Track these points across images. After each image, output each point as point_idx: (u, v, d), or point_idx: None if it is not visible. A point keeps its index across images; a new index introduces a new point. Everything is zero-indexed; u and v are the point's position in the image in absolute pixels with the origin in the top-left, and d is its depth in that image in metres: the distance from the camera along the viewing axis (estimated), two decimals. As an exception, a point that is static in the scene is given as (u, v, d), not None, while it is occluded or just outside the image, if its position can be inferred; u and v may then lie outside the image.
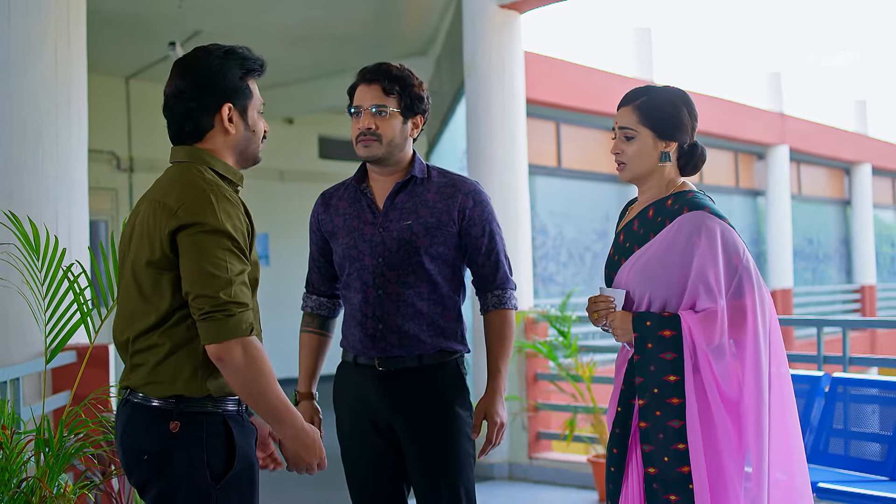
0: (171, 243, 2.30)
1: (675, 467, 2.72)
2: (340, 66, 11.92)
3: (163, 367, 2.34)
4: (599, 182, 13.47)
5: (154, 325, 2.34)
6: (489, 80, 7.07)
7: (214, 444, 2.35)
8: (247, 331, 2.27)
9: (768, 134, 16.38)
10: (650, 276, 2.82)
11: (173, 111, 2.48)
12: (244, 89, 2.49)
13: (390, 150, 2.99)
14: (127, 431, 2.40)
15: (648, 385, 2.78)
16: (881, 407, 5.15)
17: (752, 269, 2.78)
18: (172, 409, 2.34)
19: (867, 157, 19.58)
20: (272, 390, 2.32)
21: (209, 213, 2.28)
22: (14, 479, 3.02)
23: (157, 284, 2.33)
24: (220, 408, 2.38)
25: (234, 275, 2.27)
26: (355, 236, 3.03)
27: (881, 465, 4.94)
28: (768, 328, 2.79)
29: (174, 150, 2.51)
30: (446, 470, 2.96)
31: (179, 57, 2.52)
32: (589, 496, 6.45)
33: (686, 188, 2.89)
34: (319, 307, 3.19)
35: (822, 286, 18.69)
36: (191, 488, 2.33)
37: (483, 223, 3.03)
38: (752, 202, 16.74)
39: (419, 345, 2.97)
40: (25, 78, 4.94)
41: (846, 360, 5.78)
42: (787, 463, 2.80)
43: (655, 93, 2.92)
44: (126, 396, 2.42)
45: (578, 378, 6.60)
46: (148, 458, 2.34)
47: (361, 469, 3.02)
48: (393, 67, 3.03)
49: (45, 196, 4.89)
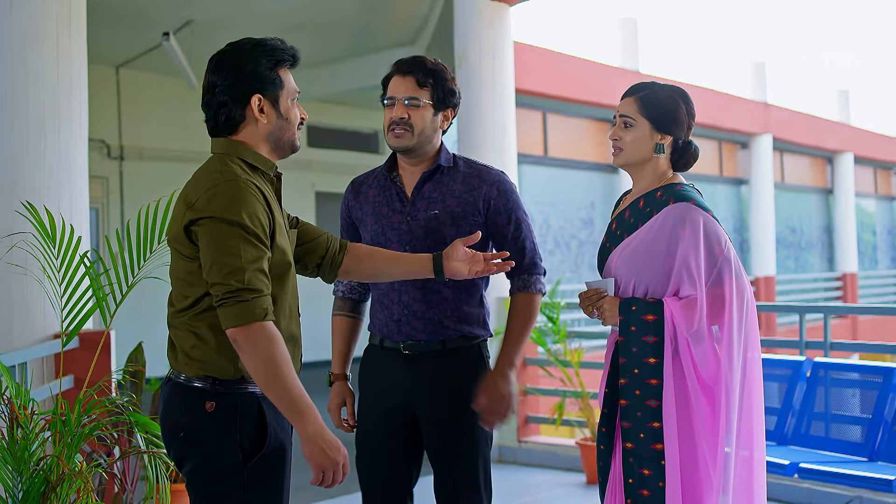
0: (190, 234, 2.41)
1: (649, 444, 2.86)
2: (330, 55, 12.01)
3: (198, 349, 2.45)
4: (585, 171, 13.61)
5: (188, 307, 2.45)
6: (479, 72, 7.20)
7: (247, 425, 2.45)
8: (261, 315, 2.35)
9: (752, 123, 16.53)
10: (637, 264, 2.96)
11: (209, 105, 2.58)
12: (274, 79, 2.56)
13: (420, 140, 3.07)
14: (167, 408, 2.51)
15: (630, 366, 2.91)
16: (861, 391, 5.31)
17: (733, 258, 2.92)
18: (209, 389, 2.44)
19: (850, 146, 19.76)
20: (287, 377, 2.36)
21: (222, 205, 2.38)
22: (33, 458, 3.14)
23: (188, 270, 2.45)
24: (254, 390, 2.47)
25: (247, 262, 2.35)
26: (384, 223, 3.12)
27: (860, 446, 5.10)
28: (745, 315, 2.92)
29: (212, 142, 2.61)
30: (463, 451, 3.05)
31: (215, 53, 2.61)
32: (577, 478, 6.59)
33: (676, 181, 3.02)
34: (350, 291, 3.28)
35: (804, 274, 18.88)
36: (222, 465, 2.43)
37: (508, 211, 3.11)
38: (735, 191, 16.91)
39: (442, 330, 3.06)
40: (27, 67, 5.03)
41: (827, 346, 5.94)
42: (749, 441, 2.94)
43: (658, 88, 3.05)
44: (168, 375, 2.54)
45: (567, 363, 6.73)
46: (184, 435, 2.45)
47: (375, 446, 3.11)
48: (428, 61, 3.10)
49: (48, 183, 4.98)
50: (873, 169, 21.80)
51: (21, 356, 4.14)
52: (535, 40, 11.76)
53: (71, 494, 3.23)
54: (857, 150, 20.02)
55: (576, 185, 13.32)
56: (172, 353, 2.53)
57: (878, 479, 4.53)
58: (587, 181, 13.61)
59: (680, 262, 2.88)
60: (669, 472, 2.83)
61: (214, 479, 2.44)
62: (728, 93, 16.10)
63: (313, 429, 2.37)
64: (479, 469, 3.10)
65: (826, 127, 19.19)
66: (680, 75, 15.02)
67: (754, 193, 16.79)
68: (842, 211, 19.71)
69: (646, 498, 2.86)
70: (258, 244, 2.40)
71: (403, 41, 11.59)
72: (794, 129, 17.77)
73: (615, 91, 14.33)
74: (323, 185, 13.92)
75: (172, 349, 2.53)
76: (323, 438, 2.37)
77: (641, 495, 2.87)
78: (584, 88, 12.87)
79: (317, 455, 2.37)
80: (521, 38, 11.78)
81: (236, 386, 2.46)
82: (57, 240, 3.39)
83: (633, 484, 2.88)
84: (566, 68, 12.56)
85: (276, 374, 2.35)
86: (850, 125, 20.18)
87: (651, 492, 2.86)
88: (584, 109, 13.35)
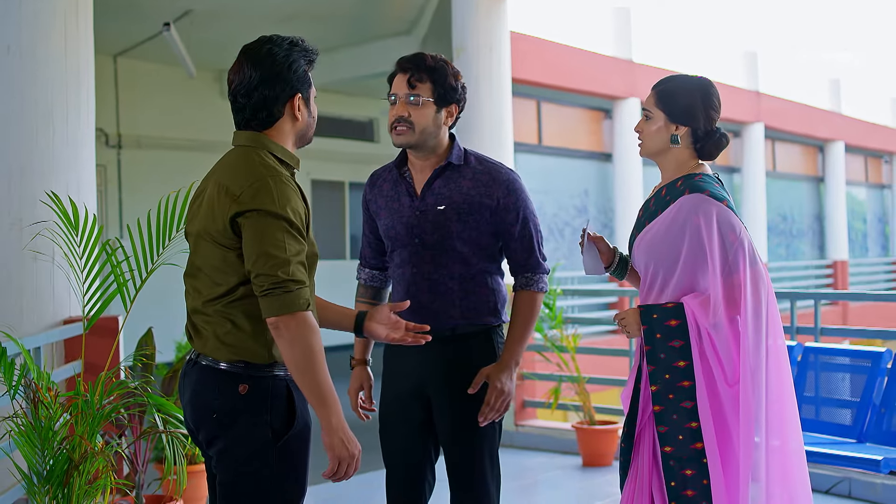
0: (234, 226, 2.51)
1: (689, 444, 2.98)
2: (324, 44, 12.06)
3: (232, 335, 2.56)
4: (579, 159, 13.71)
5: (222, 295, 2.56)
6: (477, 63, 7.33)
7: (277, 406, 2.57)
8: (304, 306, 2.47)
9: (744, 112, 16.65)
10: (655, 251, 3.08)
11: (249, 98, 2.62)
12: (308, 80, 2.68)
13: (423, 137, 3.15)
14: (197, 391, 2.62)
15: (660, 372, 3.03)
16: (850, 375, 5.44)
17: (747, 245, 3.02)
18: (241, 373, 2.55)
19: (841, 134, 19.88)
20: (320, 368, 2.48)
21: (268, 199, 2.48)
22: (57, 437, 3.26)
23: (225, 260, 2.55)
24: (284, 373, 2.60)
25: (291, 255, 2.47)
26: (395, 217, 3.22)
27: (850, 428, 5.23)
28: (764, 303, 3.01)
29: (237, 134, 2.68)
30: (471, 435, 3.17)
31: (245, 45, 2.68)
32: (573, 461, 6.74)
33: (697, 171, 3.13)
34: (371, 279, 3.39)
35: (795, 261, 19.03)
36: (253, 445, 2.54)
37: (516, 210, 3.19)
38: (727, 179, 17.04)
39: (449, 319, 3.18)
40: (36, 58, 5.14)
41: (818, 331, 6.08)
42: (781, 430, 3.03)
43: (677, 80, 3.17)
44: (194, 359, 2.65)
45: (563, 348, 6.87)
46: (217, 416, 2.56)
47: (395, 427, 3.24)
48: (428, 58, 3.16)
49: (56, 172, 5.10)
50: (864, 157, 21.93)
51: (36, 341, 4.25)
52: (530, 29, 11.84)
53: (92, 472, 3.35)
54: (848, 139, 20.15)
55: (569, 173, 13.42)
56: (199, 338, 2.63)
57: (866, 459, 4.67)
58: (581, 169, 13.72)
59: (694, 251, 3.00)
60: (713, 469, 2.94)
61: (245, 458, 2.55)
62: (721, 82, 16.21)
63: (336, 420, 2.49)
64: (486, 454, 3.20)
65: (817, 116, 19.30)
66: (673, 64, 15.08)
67: (746, 181, 16.92)
68: (833, 199, 19.83)
69: (690, 498, 2.96)
70: (299, 238, 2.52)
71: (399, 31, 11.68)
72: (785, 118, 17.89)
73: (609, 80, 14.43)
74: (318, 174, 14.04)
75: (199, 335, 2.63)
76: (344, 431, 2.50)
77: (686, 496, 2.97)
78: (578, 77, 12.97)
79: (336, 446, 2.50)
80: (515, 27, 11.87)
81: (267, 369, 2.58)
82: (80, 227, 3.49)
83: (676, 486, 2.99)
84: (560, 57, 12.66)
85: (312, 363, 2.47)
86: (842, 114, 20.29)
87: (696, 490, 2.96)
88: (578, 98, 13.45)
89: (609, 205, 13.81)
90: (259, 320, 2.54)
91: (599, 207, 13.86)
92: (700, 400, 2.97)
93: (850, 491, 5.69)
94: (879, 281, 21.92)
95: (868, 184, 22.29)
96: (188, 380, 2.68)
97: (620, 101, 13.61)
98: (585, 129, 13.97)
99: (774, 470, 3.01)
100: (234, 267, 2.54)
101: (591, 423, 6.74)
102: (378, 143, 15.59)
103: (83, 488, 3.25)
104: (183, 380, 2.72)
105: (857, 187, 21.65)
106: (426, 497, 3.30)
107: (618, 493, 5.76)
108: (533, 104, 12.81)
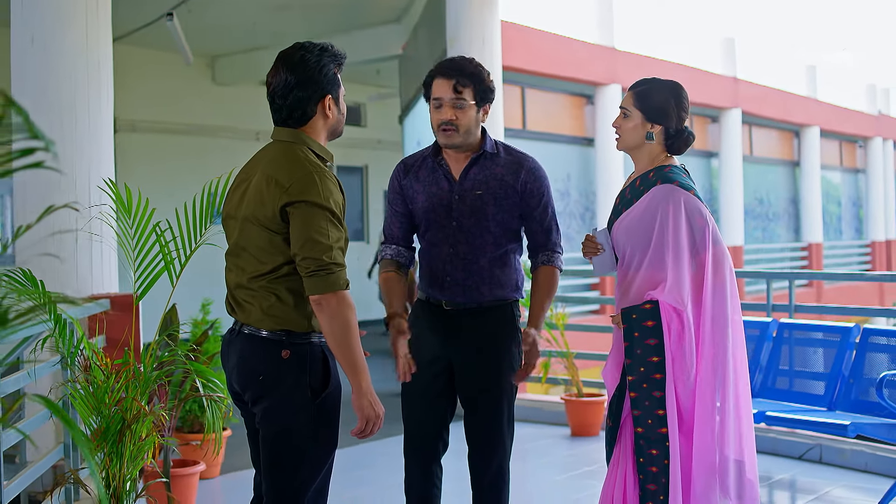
0: (282, 213, 2.86)
1: (656, 428, 3.42)
2: (314, 32, 12.39)
3: (276, 307, 2.91)
4: (562, 144, 14.05)
5: (268, 273, 2.91)
6: (470, 53, 7.64)
7: (315, 369, 2.94)
8: (344, 286, 2.85)
9: (722, 97, 17.02)
10: (631, 235, 3.49)
11: (285, 99, 2.97)
12: (337, 81, 3.03)
13: (467, 136, 3.51)
14: (244, 357, 2.97)
15: (636, 364, 3.45)
16: (822, 349, 5.85)
17: (711, 227, 3.45)
18: (284, 340, 2.92)
19: (816, 120, 20.29)
20: (355, 339, 2.85)
21: (314, 192, 2.84)
22: (111, 400, 3.60)
23: (271, 242, 2.90)
24: (318, 340, 2.97)
25: (333, 241, 2.84)
26: (434, 201, 3.57)
27: (821, 398, 5.64)
28: (727, 280, 3.45)
29: (277, 130, 3.03)
30: (491, 397, 3.56)
31: (282, 51, 3.01)
32: (562, 431, 7.13)
33: (667, 163, 3.53)
34: (398, 255, 3.71)
35: (771, 244, 19.45)
36: (294, 403, 2.92)
37: (539, 195, 3.57)
38: (705, 163, 17.41)
39: (478, 295, 3.56)
40: (57, 48, 5.42)
41: (792, 308, 6.49)
42: (736, 397, 3.49)
43: (653, 84, 3.55)
44: (237, 329, 3.00)
45: (553, 325, 7.25)
46: (263, 379, 2.93)
47: (416, 390, 3.60)
48: (469, 63, 3.51)
49: (78, 158, 5.40)
50: (839, 142, 22.34)
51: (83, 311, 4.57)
52: (515, 17, 12.15)
53: (143, 431, 3.71)
54: (824, 124, 20.55)
55: (553, 157, 13.74)
56: (242, 311, 2.98)
57: (835, 423, 5.07)
58: (564, 154, 14.06)
59: (665, 234, 3.39)
60: (672, 449, 3.39)
61: (287, 414, 2.93)
62: (699, 68, 16.59)
63: (366, 385, 2.88)
64: (504, 413, 3.59)
65: (793, 101, 19.69)
66: (654, 51, 15.44)
67: (724, 166, 17.29)
68: (808, 183, 20.24)
69: (654, 473, 3.41)
70: (339, 226, 2.88)
71: (389, 19, 11.99)
72: (762, 104, 18.28)
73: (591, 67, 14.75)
74: (309, 157, 14.31)
75: (241, 308, 2.99)
76: (371, 394, 2.89)
77: (651, 471, 3.42)
78: (562, 64, 13.31)
79: (365, 407, 2.89)
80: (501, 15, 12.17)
81: (306, 337, 2.94)
82: (132, 211, 3.83)
83: (644, 462, 3.43)
84: (544, 44, 12.98)
85: (348, 336, 2.85)
86: (817, 100, 20.70)
87: (658, 468, 3.41)
88: (561, 84, 13.79)
89: (591, 188, 14.17)
90: (299, 295, 2.91)
91: (581, 191, 14.21)
92: (668, 392, 3.41)
93: (820, 456, 6.10)
94: (853, 263, 22.40)
95: (843, 168, 22.72)
96: (233, 348, 3.04)
97: (602, 87, 13.97)
98: (568, 115, 14.32)
99: (729, 430, 3.45)
100: (280, 248, 2.89)
101: (579, 395, 7.13)
102: (365, 128, 15.93)
103: (137, 445, 3.61)
104: (227, 348, 3.08)
105: (832, 171, 22.07)
106: (440, 456, 3.67)
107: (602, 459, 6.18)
108: (517, 90, 13.13)
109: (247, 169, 3.08)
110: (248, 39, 12.91)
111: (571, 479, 5.95)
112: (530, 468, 6.32)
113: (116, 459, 3.60)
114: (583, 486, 5.70)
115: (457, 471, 3.81)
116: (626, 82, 14.11)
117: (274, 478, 2.96)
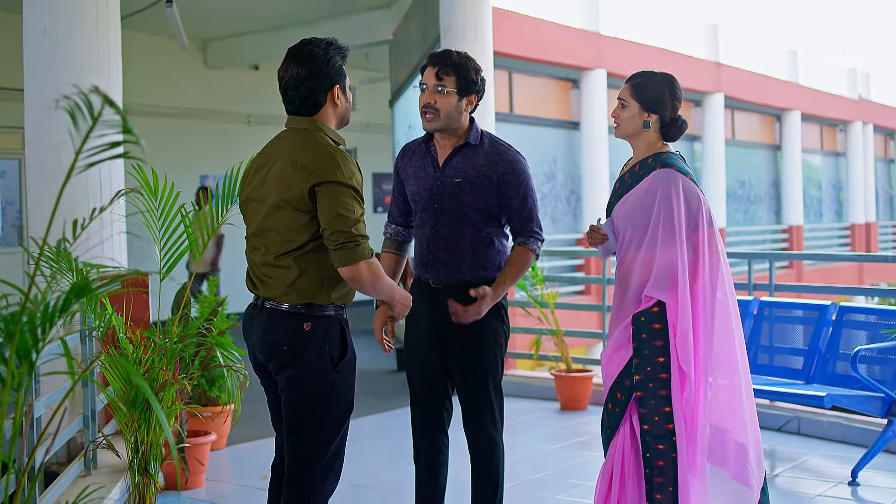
0: (311, 194, 3.10)
1: (662, 425, 3.65)
2: (305, 17, 12.61)
3: (299, 282, 3.17)
4: (548, 127, 14.26)
5: (294, 250, 3.16)
6: (463, 42, 7.91)
7: (333, 339, 3.22)
8: (369, 255, 3.12)
9: (705, 82, 17.27)
10: (631, 216, 3.74)
11: (297, 90, 3.22)
12: (343, 72, 3.29)
13: (447, 122, 3.76)
14: (268, 329, 3.23)
15: (643, 364, 3.69)
16: (801, 326, 6.14)
17: (706, 210, 3.70)
18: (305, 313, 3.18)
19: (797, 104, 20.56)
20: (387, 286, 3.25)
21: (339, 172, 3.10)
22: (142, 368, 3.85)
23: (297, 221, 3.15)
24: (338, 313, 3.24)
25: (358, 216, 3.11)
26: (420, 185, 3.85)
27: (799, 372, 5.94)
28: (720, 259, 3.72)
29: (292, 118, 3.28)
30: (477, 365, 3.82)
31: (291, 47, 3.25)
32: (552, 405, 7.43)
33: (664, 150, 3.78)
34: (397, 234, 4.02)
35: (752, 226, 19.73)
36: (316, 371, 3.19)
37: (516, 187, 3.79)
38: (688, 146, 17.66)
39: (459, 273, 3.82)
40: (70, 38, 5.63)
41: (772, 287, 6.78)
42: (729, 370, 3.74)
43: (649, 76, 3.80)
44: (259, 304, 3.26)
45: (544, 304, 7.53)
46: (287, 349, 3.19)
47: (417, 362, 3.90)
48: (454, 55, 3.76)
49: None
50: (819, 126, 22.60)
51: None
52: (501, 2, 12.35)
53: (169, 399, 3.97)
54: (805, 109, 20.82)
55: (539, 141, 13.95)
56: (265, 286, 3.23)
57: (812, 395, 5.37)
58: (550, 138, 14.27)
59: (661, 214, 3.65)
60: (679, 443, 3.63)
61: (309, 381, 3.19)
62: (683, 53, 16.83)
63: (399, 297, 3.37)
64: (490, 380, 3.84)
65: (775, 86, 19.94)
66: (638, 36, 15.68)
67: (706, 149, 17.55)
68: (789, 166, 20.50)
69: (661, 467, 3.65)
70: (361, 203, 3.15)
71: (379, 4, 12.18)
72: (744, 88, 18.52)
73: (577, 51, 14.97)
74: (299, 141, 14.49)
75: (264, 284, 3.24)
76: (402, 296, 3.38)
77: (657, 465, 3.65)
78: (548, 49, 13.53)
79: (398, 303, 3.39)
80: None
81: (325, 310, 3.21)
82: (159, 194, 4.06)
83: (650, 457, 3.67)
84: (531, 30, 13.19)
85: (383, 287, 3.23)
86: (799, 84, 20.95)
87: (665, 461, 3.64)
88: (547, 69, 14.01)
89: (576, 171, 14.39)
90: (321, 271, 3.17)
91: (567, 174, 14.44)
92: (674, 390, 3.65)
93: (799, 428, 6.41)
94: (833, 245, 22.71)
95: (823, 151, 22.99)
96: (256, 322, 3.29)
97: (588, 71, 14.19)
98: (554, 99, 14.54)
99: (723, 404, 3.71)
100: (307, 227, 3.14)
101: (569, 371, 7.42)
102: (355, 111, 16.07)
103: (164, 412, 3.85)
104: (249, 322, 3.34)
105: (813, 155, 22.33)
106: (445, 423, 3.94)
107: (590, 431, 6.47)
108: (505, 75, 13.33)
109: (264, 154, 3.31)
110: (238, 24, 13.08)
111: (562, 449, 6.24)
112: (522, 440, 6.61)
113: (144, 426, 3.85)
114: (573, 456, 5.99)
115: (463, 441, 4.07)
116: (612, 67, 14.37)
117: (297, 439, 3.23)
